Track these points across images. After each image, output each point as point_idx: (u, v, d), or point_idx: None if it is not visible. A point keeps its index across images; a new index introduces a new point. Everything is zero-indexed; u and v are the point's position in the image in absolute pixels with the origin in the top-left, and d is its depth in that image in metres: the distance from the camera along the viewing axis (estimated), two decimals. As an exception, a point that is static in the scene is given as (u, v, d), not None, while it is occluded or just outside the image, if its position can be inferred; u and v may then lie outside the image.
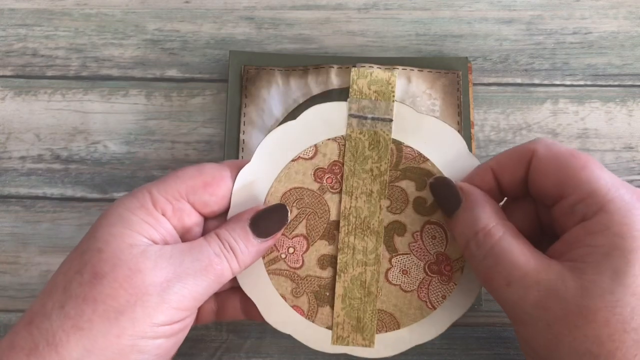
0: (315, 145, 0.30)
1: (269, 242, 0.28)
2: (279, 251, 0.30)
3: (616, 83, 0.38)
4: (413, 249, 0.30)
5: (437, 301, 0.30)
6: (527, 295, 0.24)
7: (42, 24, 0.40)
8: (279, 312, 0.29)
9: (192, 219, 0.28)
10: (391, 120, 0.30)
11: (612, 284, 0.22)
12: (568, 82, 0.38)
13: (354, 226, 0.30)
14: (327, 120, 0.30)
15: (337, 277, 0.30)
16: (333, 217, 0.30)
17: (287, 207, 0.29)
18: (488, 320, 0.34)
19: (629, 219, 0.23)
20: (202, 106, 0.38)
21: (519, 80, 0.38)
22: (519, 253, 0.25)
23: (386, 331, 0.30)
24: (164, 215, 0.27)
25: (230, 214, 0.29)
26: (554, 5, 0.40)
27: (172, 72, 0.39)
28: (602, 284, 0.22)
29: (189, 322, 0.27)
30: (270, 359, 0.34)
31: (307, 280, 0.30)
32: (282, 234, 0.29)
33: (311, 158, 0.30)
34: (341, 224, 0.30)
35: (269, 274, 0.29)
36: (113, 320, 0.24)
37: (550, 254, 0.25)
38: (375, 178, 0.30)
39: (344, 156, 0.30)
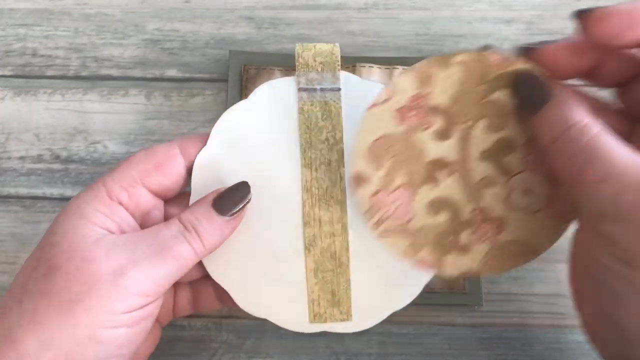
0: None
1: (235, 220, 0.28)
2: (384, 209, 0.28)
3: (616, 83, 0.38)
4: (529, 164, 0.27)
5: (572, 212, 0.27)
6: (623, 193, 0.22)
7: (41, 24, 0.40)
8: (250, 295, 0.29)
9: (150, 203, 0.28)
10: (339, 89, 0.30)
11: None
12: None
13: (317, 197, 0.29)
14: (279, 97, 0.30)
15: (306, 251, 0.29)
16: (429, 157, 0.27)
17: (249, 185, 0.28)
18: (488, 321, 0.34)
19: None
20: (202, 106, 0.38)
21: (519, 80, 0.38)
22: (616, 150, 0.22)
23: (524, 261, 0.27)
24: (120, 204, 0.27)
25: (191, 200, 0.29)
26: (554, 5, 0.40)
27: (172, 72, 0.39)
28: None
29: (152, 309, 0.26)
30: (270, 359, 0.34)
31: (422, 231, 0.28)
32: (379, 192, 0.27)
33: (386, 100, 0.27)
34: (304, 197, 0.29)
35: (380, 237, 0.28)
36: (67, 311, 0.24)
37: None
38: (332, 147, 0.29)
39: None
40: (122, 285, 0.24)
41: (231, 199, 0.28)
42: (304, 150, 0.29)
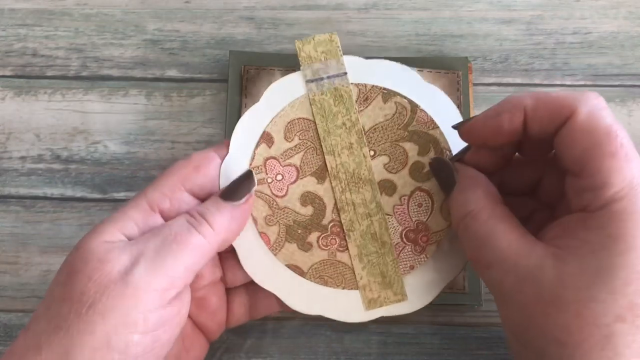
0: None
1: (244, 205, 0.28)
2: (267, 174, 0.30)
3: (616, 83, 0.38)
4: (396, 212, 0.30)
5: (404, 270, 0.30)
6: (505, 278, 0.24)
7: (42, 24, 0.40)
8: (300, 295, 0.29)
9: (192, 205, 0.28)
10: (345, 74, 0.30)
11: (591, 281, 0.22)
12: (568, 82, 0.38)
13: (346, 182, 0.30)
14: (289, 92, 0.31)
15: (347, 238, 0.29)
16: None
17: (254, 173, 0.29)
18: (488, 320, 0.34)
19: (629, 224, 0.22)
20: (202, 106, 0.38)
21: (519, 80, 0.38)
22: (501, 237, 0.25)
23: (339, 286, 0.30)
24: (161, 212, 0.28)
25: None
26: (554, 5, 0.40)
27: (172, 72, 0.39)
28: (582, 279, 0.22)
29: (169, 315, 0.25)
30: (270, 359, 0.34)
31: (284, 211, 0.30)
32: (276, 159, 0.30)
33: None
34: (333, 184, 0.30)
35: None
36: (84, 315, 0.23)
37: (544, 233, 0.25)
38: (350, 130, 0.30)
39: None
40: (131, 282, 0.24)
41: (237, 187, 0.28)
42: (324, 139, 0.30)
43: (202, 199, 0.29)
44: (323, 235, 0.30)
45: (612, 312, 0.22)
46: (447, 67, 0.37)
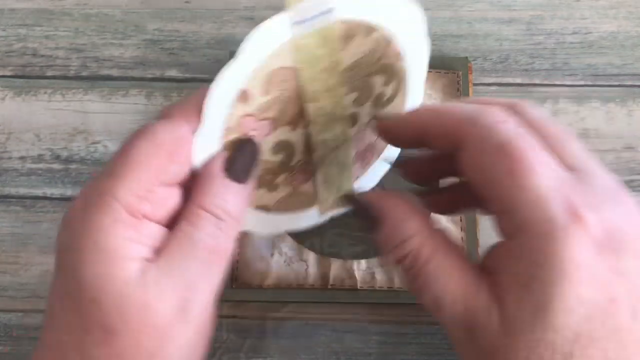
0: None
1: (250, 182, 0.25)
2: (240, 134, 0.27)
3: (616, 83, 0.38)
4: (355, 138, 0.30)
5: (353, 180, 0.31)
6: (456, 322, 0.22)
7: (42, 24, 0.40)
8: (264, 219, 0.30)
9: (175, 199, 0.23)
10: (331, 10, 0.27)
11: (532, 320, 0.20)
12: (568, 82, 0.38)
13: (322, 125, 0.29)
14: (270, 40, 0.26)
15: (315, 172, 0.30)
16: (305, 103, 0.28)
17: (255, 142, 0.25)
18: (488, 320, 0.34)
19: (552, 244, 0.19)
20: (202, 106, 0.38)
21: (519, 80, 0.38)
22: (447, 277, 0.22)
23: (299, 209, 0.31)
24: (145, 216, 0.22)
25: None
26: (554, 5, 0.40)
27: (172, 72, 0.39)
28: (523, 321, 0.20)
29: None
30: (270, 359, 0.34)
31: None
32: (252, 116, 0.26)
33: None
34: (311, 129, 0.28)
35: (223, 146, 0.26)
36: None
37: (483, 263, 0.23)
38: (331, 73, 0.28)
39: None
40: (190, 319, 0.22)
41: (244, 163, 0.24)
42: (306, 87, 0.27)
43: (183, 184, 0.24)
44: (290, 174, 0.29)
45: (561, 352, 0.20)
46: (447, 67, 0.37)
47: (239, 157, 0.24)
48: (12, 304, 0.35)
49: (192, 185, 0.24)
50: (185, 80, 0.39)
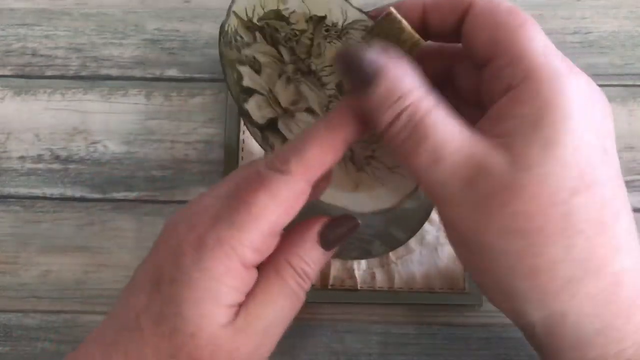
0: None
1: (333, 250, 0.27)
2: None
3: (617, 83, 0.38)
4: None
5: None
6: (457, 172, 0.21)
7: (41, 24, 0.40)
8: None
9: (275, 244, 0.25)
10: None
11: (541, 156, 0.21)
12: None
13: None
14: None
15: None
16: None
17: (356, 219, 0.27)
18: (488, 321, 0.34)
19: (557, 86, 0.21)
20: (202, 106, 0.38)
21: (519, 80, 0.38)
22: (449, 127, 0.22)
23: None
24: (254, 266, 0.24)
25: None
26: (555, 5, 0.40)
27: (172, 72, 0.39)
28: (531, 157, 0.21)
29: None
30: (270, 359, 0.34)
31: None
32: None
33: None
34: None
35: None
36: None
37: (480, 123, 0.23)
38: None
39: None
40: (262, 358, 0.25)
41: (339, 237, 0.26)
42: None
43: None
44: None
45: (567, 186, 0.21)
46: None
47: (337, 230, 0.26)
48: (12, 304, 0.35)
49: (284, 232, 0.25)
50: (185, 79, 0.39)
